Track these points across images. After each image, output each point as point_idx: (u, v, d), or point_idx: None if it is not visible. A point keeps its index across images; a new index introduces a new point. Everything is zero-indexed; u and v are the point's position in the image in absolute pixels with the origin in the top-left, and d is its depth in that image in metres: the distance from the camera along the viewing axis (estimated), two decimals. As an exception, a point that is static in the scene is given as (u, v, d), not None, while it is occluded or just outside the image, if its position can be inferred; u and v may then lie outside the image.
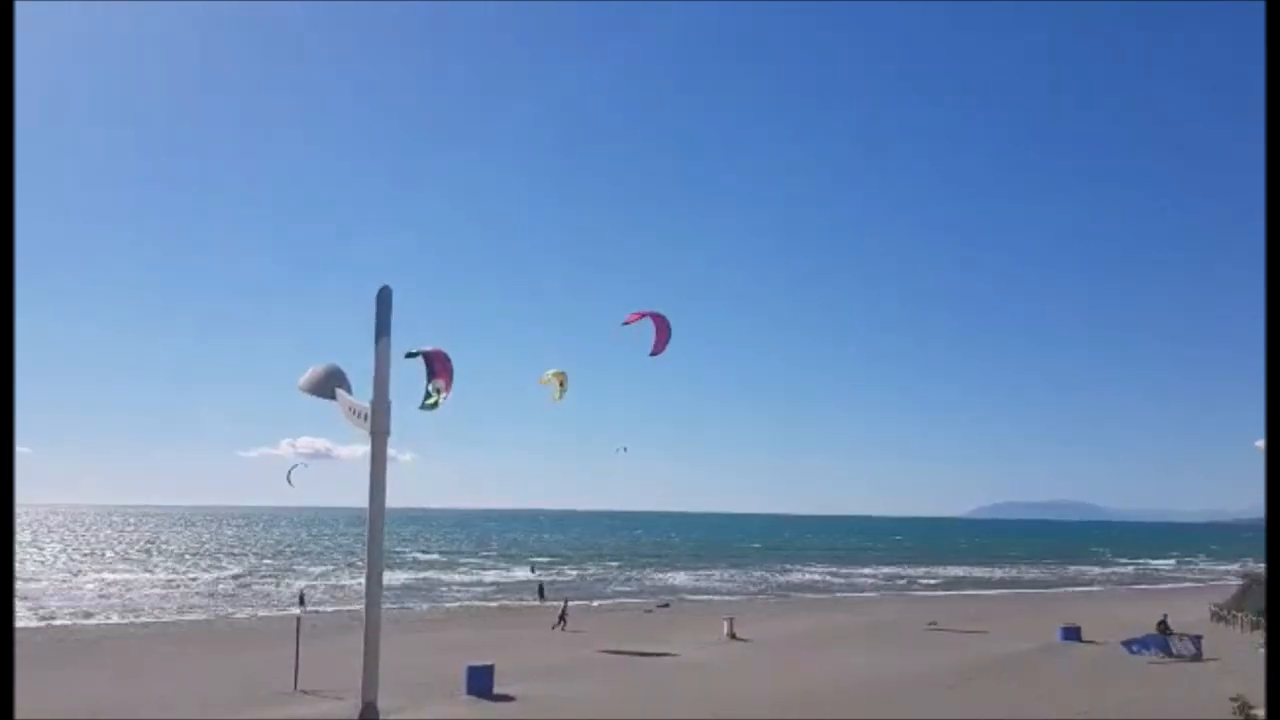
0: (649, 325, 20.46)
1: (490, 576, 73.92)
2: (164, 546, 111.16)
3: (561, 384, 22.02)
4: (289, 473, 41.94)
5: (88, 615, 46.77)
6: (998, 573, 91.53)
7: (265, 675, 24.09)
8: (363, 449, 5.73)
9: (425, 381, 11.79)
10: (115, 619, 45.40)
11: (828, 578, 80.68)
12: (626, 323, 20.44)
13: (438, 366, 11.65)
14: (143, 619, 45.36)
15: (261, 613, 48.21)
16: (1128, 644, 29.74)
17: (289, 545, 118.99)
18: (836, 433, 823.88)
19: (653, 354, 20.75)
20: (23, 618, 44.66)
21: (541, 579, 60.40)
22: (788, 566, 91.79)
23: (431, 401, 12.52)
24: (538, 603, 51.01)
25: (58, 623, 43.40)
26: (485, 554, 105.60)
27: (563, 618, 39.15)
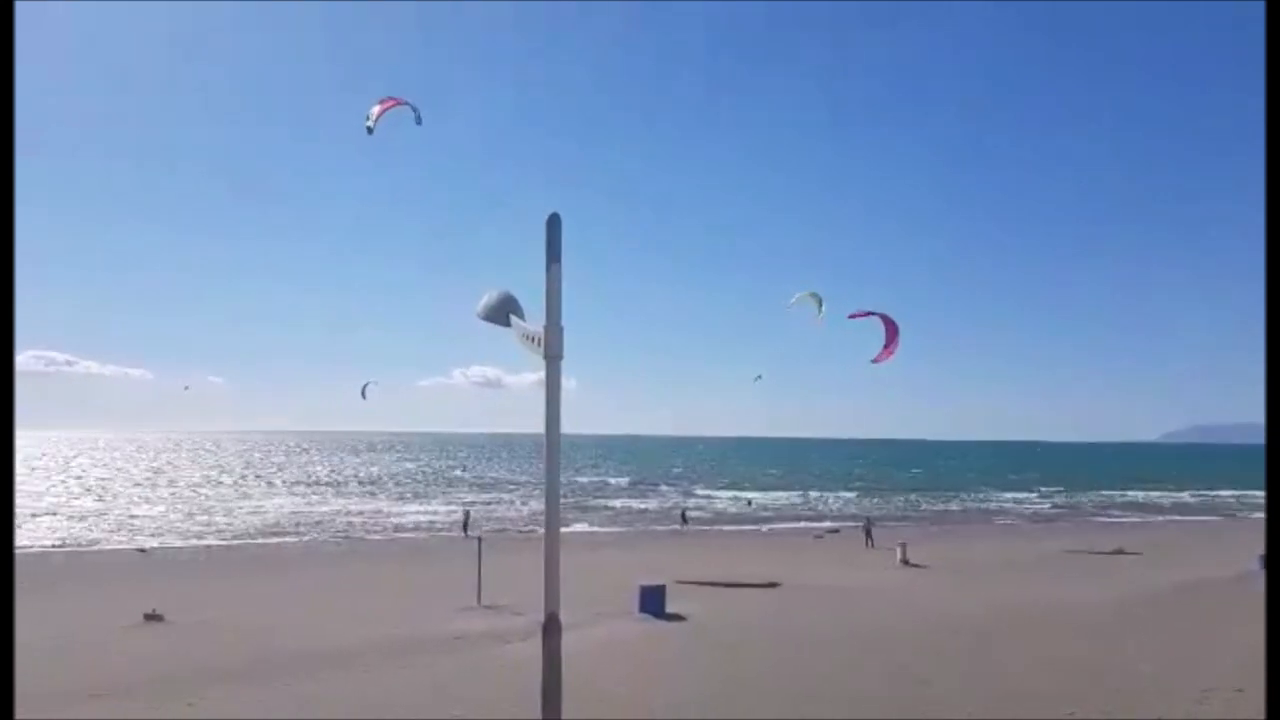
0: (877, 327, 19.17)
1: (643, 503, 75.47)
2: (344, 472, 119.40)
3: (820, 304, 21.65)
4: (363, 388, 43.89)
5: (290, 532, 51.47)
6: (1187, 498, 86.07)
7: (447, 591, 25.32)
8: (532, 377, 5.58)
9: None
10: (309, 536, 49.37)
11: (1000, 504, 77.97)
12: (852, 316, 19.53)
13: (387, 101, 16.06)
14: (333, 537, 49.08)
15: (429, 535, 51.10)
16: None
17: (455, 470, 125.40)
18: (1005, 347, 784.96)
19: (876, 360, 19.61)
20: (231, 537, 49.39)
21: (689, 511, 63.06)
22: (955, 493, 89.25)
23: (369, 124, 16.70)
24: (682, 527, 54.95)
25: (260, 541, 47.81)
26: (639, 480, 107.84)
27: (869, 535, 43.07)
